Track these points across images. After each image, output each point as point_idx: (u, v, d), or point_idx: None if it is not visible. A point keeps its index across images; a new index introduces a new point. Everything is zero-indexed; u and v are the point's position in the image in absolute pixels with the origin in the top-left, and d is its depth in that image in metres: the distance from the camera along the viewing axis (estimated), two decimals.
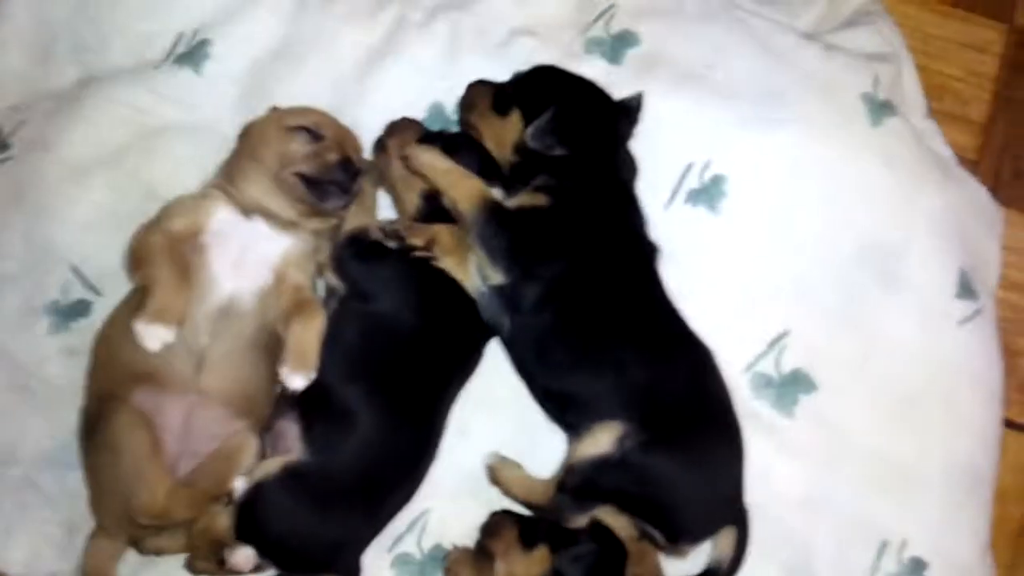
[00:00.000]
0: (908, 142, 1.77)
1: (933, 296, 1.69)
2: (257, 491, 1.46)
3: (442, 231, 1.57)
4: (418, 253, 1.56)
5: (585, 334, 1.50)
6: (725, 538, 1.51)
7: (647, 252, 1.59)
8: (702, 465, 1.46)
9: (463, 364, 1.61)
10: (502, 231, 1.52)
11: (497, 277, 1.52)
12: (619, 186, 1.63)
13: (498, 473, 1.58)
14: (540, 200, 1.55)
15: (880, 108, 1.77)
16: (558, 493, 1.47)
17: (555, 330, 1.51)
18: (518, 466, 1.60)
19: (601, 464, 1.42)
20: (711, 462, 1.48)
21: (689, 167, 1.71)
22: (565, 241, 1.53)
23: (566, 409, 1.54)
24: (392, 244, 1.56)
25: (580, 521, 1.48)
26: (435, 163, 1.56)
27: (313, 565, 1.52)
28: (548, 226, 1.54)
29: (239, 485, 1.45)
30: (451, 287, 1.58)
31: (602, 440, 1.43)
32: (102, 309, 1.63)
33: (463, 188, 1.55)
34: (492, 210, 1.53)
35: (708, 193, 1.70)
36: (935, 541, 1.61)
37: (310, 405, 1.51)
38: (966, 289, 1.71)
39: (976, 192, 1.87)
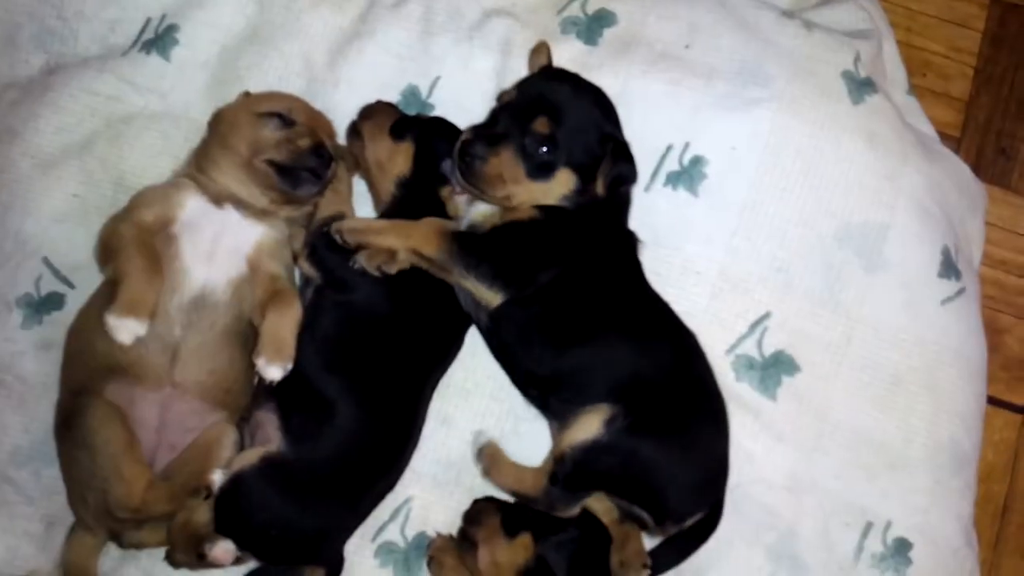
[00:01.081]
0: (890, 120, 1.75)
1: (916, 276, 1.68)
2: (235, 483, 1.44)
3: (421, 240, 1.51)
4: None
5: (570, 321, 1.49)
6: None
7: (629, 241, 1.58)
8: (688, 446, 1.45)
9: (442, 351, 1.60)
10: (483, 259, 1.48)
11: (497, 298, 1.49)
12: None
13: (491, 459, 1.56)
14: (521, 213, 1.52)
15: (861, 86, 1.75)
16: (549, 485, 1.46)
17: (541, 319, 1.49)
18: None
19: (591, 448, 1.41)
20: (697, 443, 1.47)
21: (668, 149, 1.69)
22: (555, 246, 1.50)
23: (550, 395, 1.52)
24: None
25: (571, 511, 1.47)
26: (371, 227, 1.50)
27: (294, 556, 1.51)
28: (533, 235, 1.50)
29: (217, 478, 1.43)
30: (425, 275, 1.55)
31: (591, 424, 1.42)
32: (75, 302, 1.61)
33: (417, 236, 1.49)
34: (461, 243, 1.49)
35: (688, 175, 1.68)
36: (920, 521, 1.62)
37: (288, 396, 1.49)
38: (949, 268, 1.70)
39: (959, 170, 1.86)
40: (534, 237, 1.49)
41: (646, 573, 1.43)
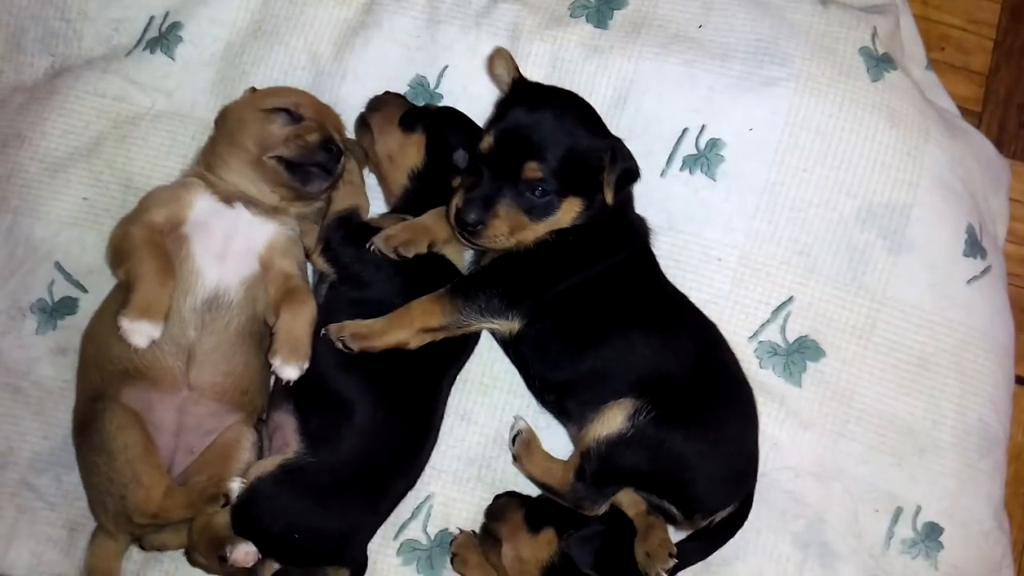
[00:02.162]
0: (910, 96, 1.71)
1: (941, 255, 1.64)
2: (253, 492, 1.43)
3: (435, 227, 1.52)
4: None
5: (585, 325, 1.47)
6: None
7: (638, 232, 1.54)
8: (717, 437, 1.43)
9: (459, 346, 1.57)
10: (491, 293, 1.46)
11: (516, 325, 1.48)
12: None
13: (525, 446, 1.53)
14: None
15: (880, 62, 1.70)
16: (576, 481, 1.44)
17: (555, 328, 1.48)
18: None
19: (616, 443, 1.39)
20: (726, 434, 1.45)
21: (684, 132, 1.66)
22: (563, 260, 1.47)
23: (567, 397, 1.51)
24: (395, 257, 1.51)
25: (599, 509, 1.45)
26: (373, 330, 1.45)
27: (317, 558, 1.50)
28: (539, 258, 1.47)
29: (235, 487, 1.41)
30: (442, 268, 1.54)
31: (615, 418, 1.40)
32: (89, 306, 1.60)
33: (419, 316, 1.45)
34: (463, 293, 1.46)
35: (705, 158, 1.65)
36: (950, 505, 1.59)
37: (305, 396, 1.47)
38: (974, 246, 1.66)
39: (981, 145, 1.81)
40: (540, 259, 1.47)
41: (672, 563, 1.40)
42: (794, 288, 1.62)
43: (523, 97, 1.49)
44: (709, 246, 1.63)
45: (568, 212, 1.46)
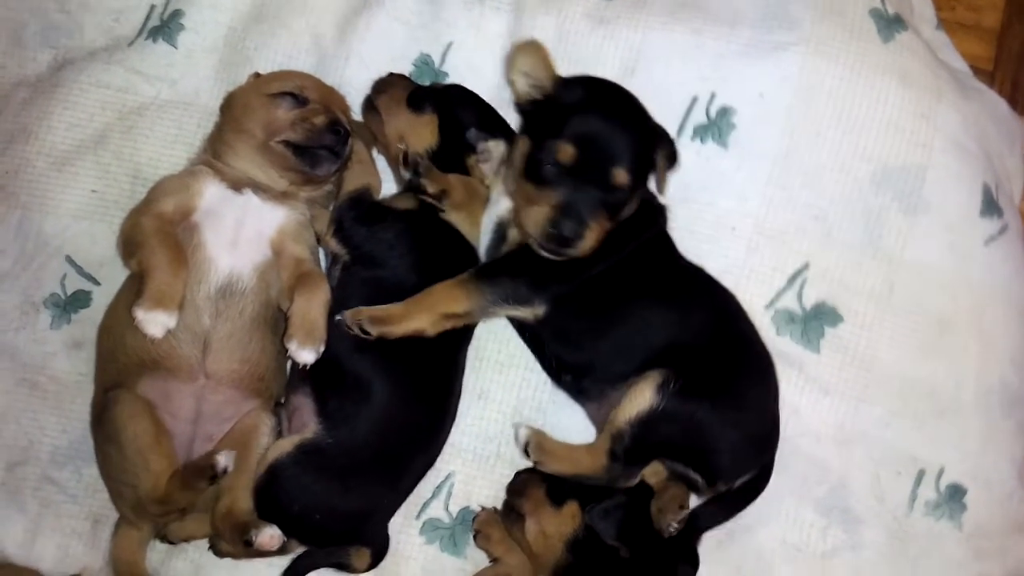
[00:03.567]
0: (922, 57, 1.68)
1: (957, 216, 1.62)
2: (272, 472, 1.44)
3: (456, 184, 1.51)
4: (427, 199, 1.51)
5: (607, 308, 1.46)
6: None
7: (662, 213, 1.53)
8: (739, 404, 1.42)
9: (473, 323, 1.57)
10: (517, 277, 1.44)
11: (541, 310, 1.46)
12: None
13: (541, 449, 1.49)
14: None
15: (890, 23, 1.68)
16: (611, 463, 1.42)
17: (577, 312, 1.47)
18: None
19: (649, 418, 1.38)
20: (747, 401, 1.44)
21: (694, 101, 1.64)
22: (601, 247, 1.43)
23: (583, 377, 1.50)
24: (406, 174, 1.50)
25: (634, 481, 1.45)
26: (392, 314, 1.43)
27: (339, 538, 1.51)
28: None
29: (222, 459, 1.40)
30: (455, 246, 1.53)
31: (644, 394, 1.39)
32: (102, 298, 1.60)
33: (440, 301, 1.43)
34: (487, 278, 1.44)
35: (716, 127, 1.63)
36: (973, 466, 1.58)
37: (322, 378, 1.47)
38: (991, 206, 1.64)
39: (994, 104, 1.79)
40: None
41: (683, 514, 1.39)
42: (810, 254, 1.61)
43: (584, 97, 1.44)
44: (723, 215, 1.61)
45: (634, 205, 1.45)
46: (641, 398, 1.39)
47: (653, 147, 1.44)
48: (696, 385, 1.38)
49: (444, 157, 1.54)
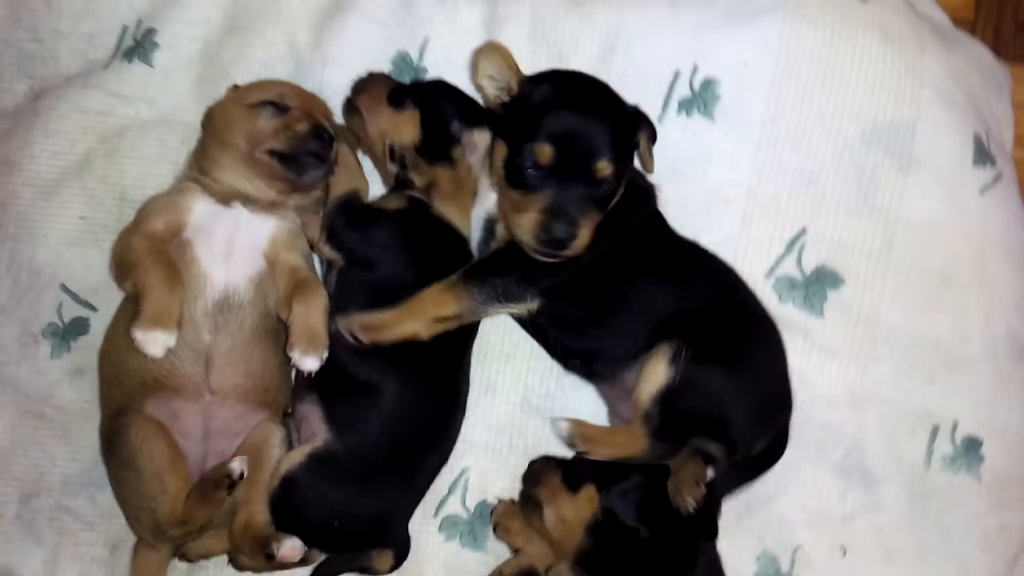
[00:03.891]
0: (901, 12, 1.67)
1: (950, 168, 1.61)
2: (286, 484, 1.44)
3: (443, 176, 1.51)
4: (415, 193, 1.50)
5: (605, 293, 1.45)
6: None
7: (651, 194, 1.51)
8: (750, 370, 1.42)
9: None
10: (505, 274, 1.43)
11: (535, 304, 1.46)
12: None
13: (585, 439, 1.46)
14: None
15: None
16: (652, 440, 1.41)
17: (574, 300, 1.46)
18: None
19: (668, 392, 1.38)
20: (757, 366, 1.44)
21: (676, 75, 1.63)
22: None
23: (592, 361, 1.50)
24: (393, 169, 1.50)
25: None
26: (384, 321, 1.42)
27: (359, 543, 1.51)
28: None
29: (236, 466, 1.40)
30: (449, 241, 1.52)
31: (659, 369, 1.38)
32: (100, 324, 1.60)
33: (431, 305, 1.43)
34: (475, 278, 1.43)
35: (701, 99, 1.62)
36: (987, 416, 1.58)
37: (328, 385, 1.47)
38: (983, 155, 1.63)
39: (978, 53, 1.77)
40: None
41: (701, 492, 1.39)
42: (806, 219, 1.60)
43: (553, 94, 1.41)
44: (715, 187, 1.60)
45: (621, 191, 1.44)
46: (656, 374, 1.38)
47: (632, 129, 1.43)
48: (707, 351, 1.38)
49: (429, 151, 1.52)
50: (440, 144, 1.53)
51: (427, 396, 1.49)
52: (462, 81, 1.60)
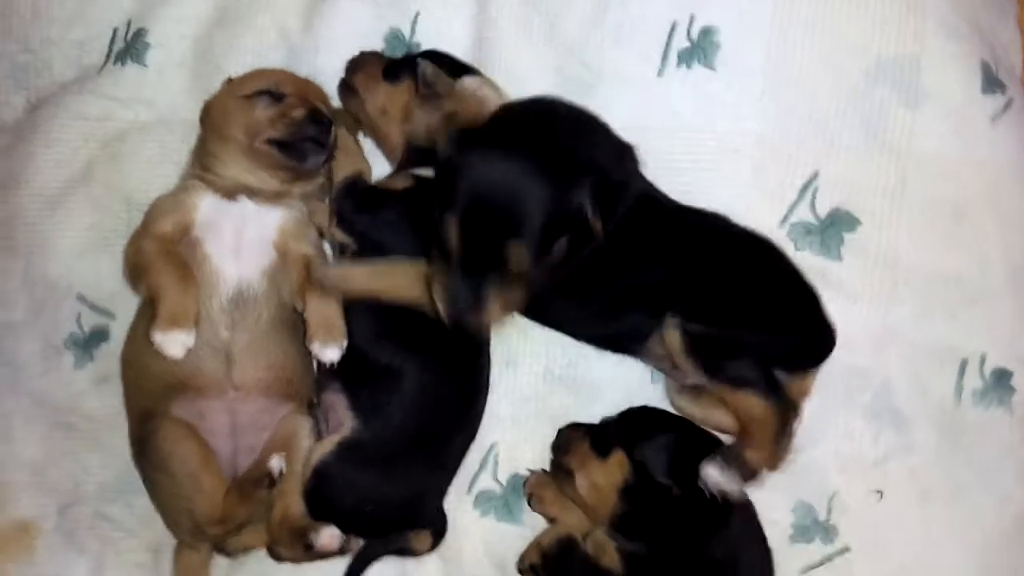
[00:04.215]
0: None
1: (959, 99, 1.57)
2: (318, 475, 1.44)
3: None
4: (418, 172, 1.48)
5: (595, 294, 1.44)
6: None
7: (626, 160, 1.45)
8: (766, 315, 1.41)
9: None
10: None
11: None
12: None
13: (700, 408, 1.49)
14: None
15: None
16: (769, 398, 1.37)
17: (567, 304, 1.45)
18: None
19: (694, 353, 1.37)
20: (774, 308, 1.43)
21: (674, 27, 1.59)
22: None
23: (605, 344, 1.50)
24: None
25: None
26: (353, 275, 1.41)
27: (395, 526, 1.52)
28: None
29: (275, 464, 1.42)
30: None
31: (674, 340, 1.38)
32: (120, 330, 1.60)
33: (402, 278, 1.41)
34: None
35: (700, 49, 1.58)
36: (1014, 347, 1.55)
37: (350, 372, 1.47)
38: (992, 82, 1.59)
39: None
40: None
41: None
42: (817, 163, 1.57)
43: (473, 155, 1.27)
44: (723, 138, 1.57)
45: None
46: (673, 343, 1.37)
47: (571, 188, 1.25)
48: (708, 310, 1.37)
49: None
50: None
51: (448, 376, 1.49)
52: (457, 50, 1.59)
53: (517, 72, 1.60)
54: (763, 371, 1.38)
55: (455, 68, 1.52)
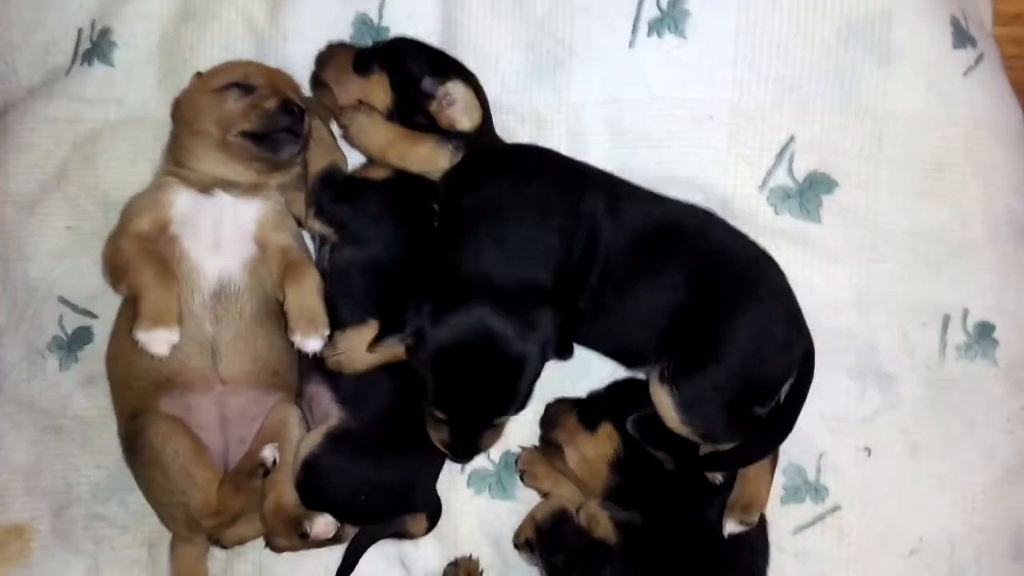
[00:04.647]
0: None
1: (931, 55, 1.58)
2: (308, 467, 1.45)
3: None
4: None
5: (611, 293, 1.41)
6: None
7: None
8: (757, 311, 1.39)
9: None
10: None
11: None
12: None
13: None
14: None
15: None
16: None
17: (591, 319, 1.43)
18: None
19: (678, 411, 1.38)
20: (764, 305, 1.40)
21: None
22: None
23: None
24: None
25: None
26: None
27: (388, 512, 1.53)
28: None
29: (268, 454, 1.42)
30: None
31: (661, 398, 1.38)
32: (103, 331, 1.60)
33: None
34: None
35: (671, 18, 1.57)
36: (997, 300, 1.56)
37: None
38: (962, 37, 1.59)
39: None
40: None
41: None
42: (792, 127, 1.57)
43: (442, 354, 1.30)
44: (697, 106, 1.57)
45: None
46: (662, 402, 1.36)
47: (541, 347, 1.31)
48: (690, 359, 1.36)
49: (405, 112, 1.49)
50: (415, 102, 1.50)
51: None
52: (426, 34, 1.58)
53: (488, 51, 1.59)
54: (749, 421, 1.39)
55: (431, 59, 1.51)
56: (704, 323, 1.36)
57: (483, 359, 1.29)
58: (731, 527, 1.40)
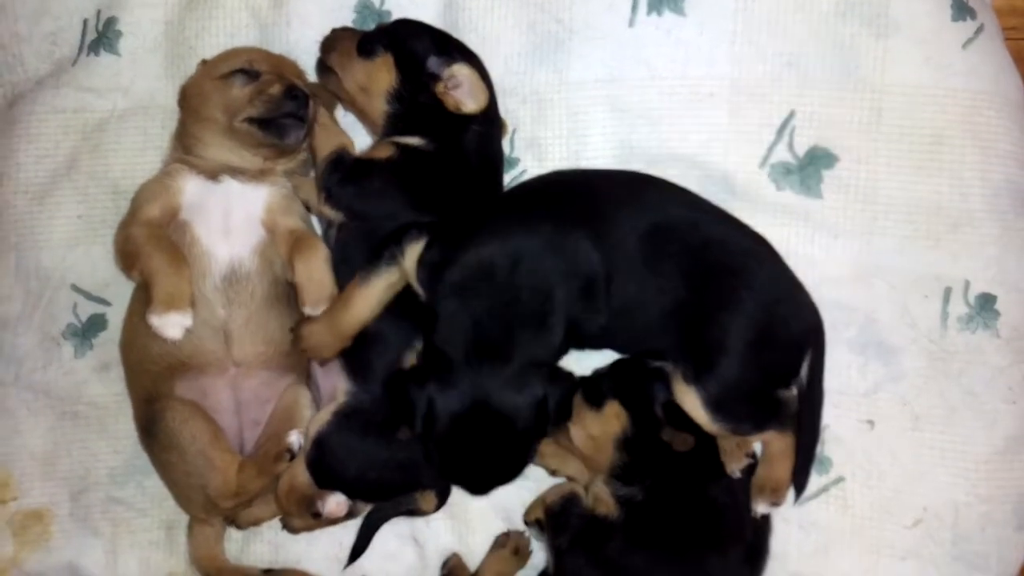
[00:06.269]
0: None
1: (929, 27, 1.58)
2: (318, 446, 1.47)
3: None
4: (401, 140, 1.49)
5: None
6: None
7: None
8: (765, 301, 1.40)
9: None
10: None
11: None
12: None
13: None
14: None
15: None
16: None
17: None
18: None
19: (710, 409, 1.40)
20: (772, 293, 1.41)
21: None
22: None
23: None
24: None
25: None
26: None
27: (400, 488, 1.55)
28: None
29: (294, 439, 1.45)
30: (446, 186, 1.51)
31: (689, 398, 1.41)
32: (117, 317, 1.62)
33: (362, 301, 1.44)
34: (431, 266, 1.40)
35: None
36: (997, 272, 1.57)
37: None
38: (962, 9, 1.59)
39: None
40: None
41: (746, 463, 1.44)
42: (792, 102, 1.58)
43: (443, 437, 1.36)
44: (697, 84, 1.58)
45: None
46: (689, 403, 1.39)
47: (539, 417, 1.37)
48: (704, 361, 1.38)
49: (410, 94, 1.50)
50: (420, 84, 1.51)
51: None
52: (428, 15, 1.60)
53: (490, 32, 1.61)
54: (776, 407, 1.43)
55: (435, 40, 1.52)
56: (708, 320, 1.38)
57: (487, 432, 1.35)
58: (762, 508, 1.44)
